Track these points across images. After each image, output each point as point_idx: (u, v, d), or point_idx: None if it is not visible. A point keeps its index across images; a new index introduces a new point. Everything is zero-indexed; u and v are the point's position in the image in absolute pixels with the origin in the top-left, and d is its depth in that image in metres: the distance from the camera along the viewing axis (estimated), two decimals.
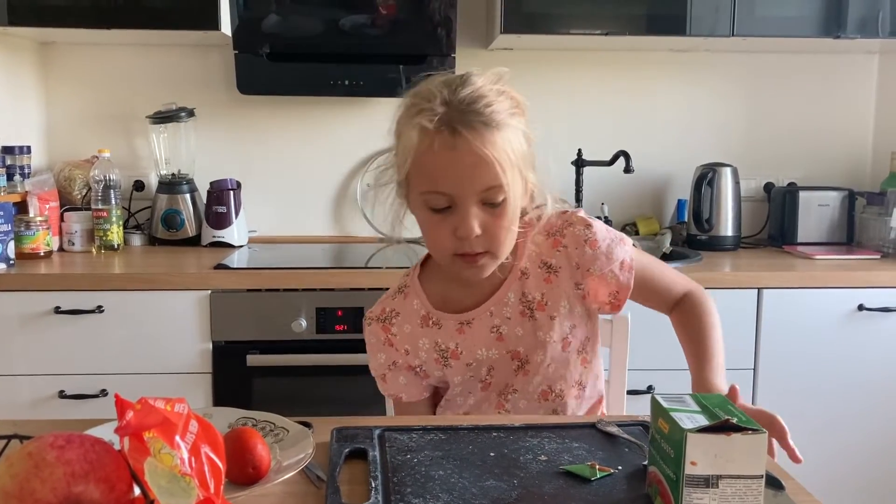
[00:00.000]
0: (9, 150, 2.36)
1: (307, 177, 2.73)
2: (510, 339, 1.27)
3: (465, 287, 1.27)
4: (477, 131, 1.10)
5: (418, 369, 1.30)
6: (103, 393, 2.11)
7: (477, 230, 1.13)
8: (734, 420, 0.83)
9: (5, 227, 2.16)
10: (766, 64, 2.77)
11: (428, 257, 1.33)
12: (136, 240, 2.58)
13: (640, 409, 1.32)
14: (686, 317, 1.30)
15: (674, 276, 1.35)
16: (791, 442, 1.01)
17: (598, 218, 1.38)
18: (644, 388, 2.17)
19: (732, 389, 1.07)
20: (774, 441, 1.03)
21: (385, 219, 1.26)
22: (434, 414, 1.35)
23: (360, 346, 2.12)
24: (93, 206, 2.42)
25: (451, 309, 1.28)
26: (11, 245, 2.18)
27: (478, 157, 1.10)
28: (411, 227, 1.26)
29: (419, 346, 1.28)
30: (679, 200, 2.75)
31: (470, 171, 1.11)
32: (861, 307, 2.22)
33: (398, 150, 1.18)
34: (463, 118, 1.10)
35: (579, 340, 1.30)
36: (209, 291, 2.12)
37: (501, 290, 1.26)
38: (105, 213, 2.41)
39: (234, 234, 2.55)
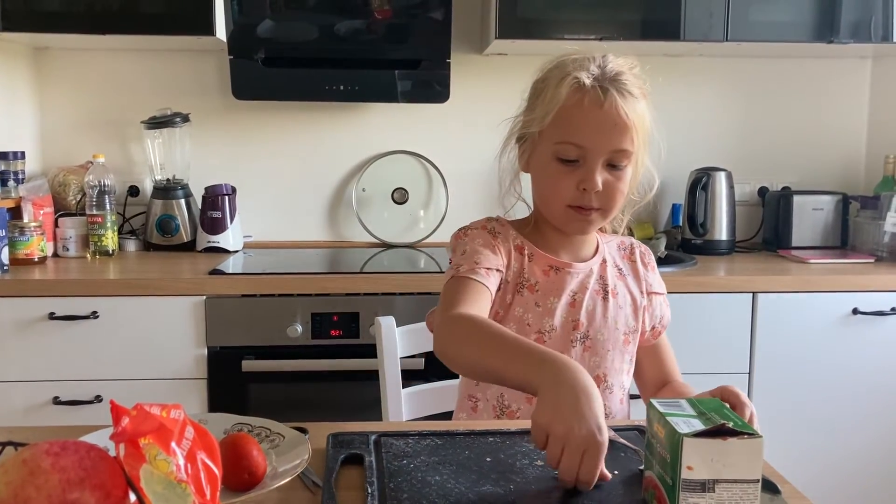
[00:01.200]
0: (3, 156, 2.36)
1: (302, 182, 2.73)
2: (581, 309, 1.30)
3: (557, 245, 1.32)
4: (624, 96, 1.21)
5: (504, 285, 1.29)
6: (98, 399, 2.10)
7: (600, 187, 1.22)
8: (730, 424, 0.83)
9: (0, 233, 2.15)
10: (760, 69, 2.78)
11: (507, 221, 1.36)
12: (131, 245, 2.58)
13: (637, 413, 1.32)
14: (682, 389, 1.33)
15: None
16: (743, 396, 1.07)
17: None
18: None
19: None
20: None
21: (501, 177, 1.35)
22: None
23: (355, 352, 2.15)
24: (87, 212, 2.42)
25: (544, 251, 1.33)
26: (6, 251, 2.17)
27: (620, 119, 1.21)
28: (407, 234, 1.27)
29: (510, 265, 1.30)
30: (674, 205, 2.75)
31: (609, 129, 1.21)
32: (855, 311, 2.22)
33: (538, 105, 1.26)
34: (613, 84, 1.22)
35: (631, 349, 1.35)
36: (204, 297, 2.11)
37: (588, 262, 1.34)
38: (100, 219, 2.41)
39: (230, 239, 2.55)
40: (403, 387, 1.59)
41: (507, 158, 1.34)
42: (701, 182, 2.57)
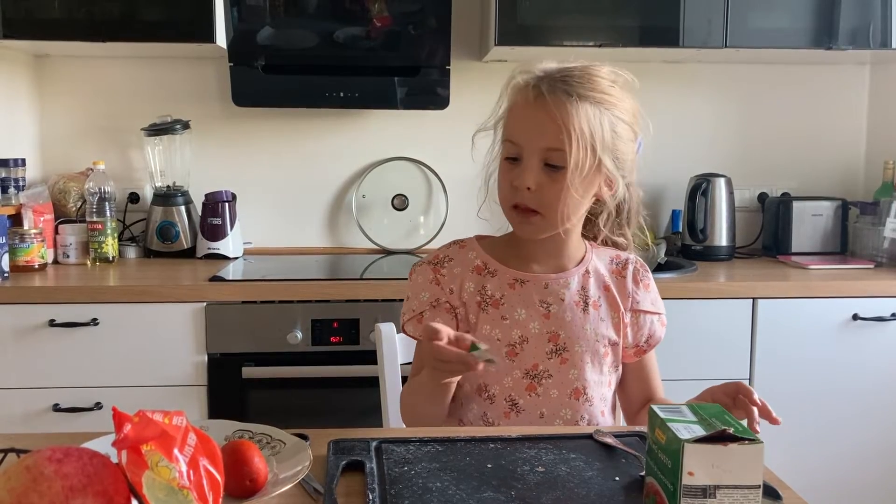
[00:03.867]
0: (3, 163, 2.36)
1: (302, 188, 2.73)
2: (556, 320, 1.30)
3: (528, 256, 1.33)
4: (557, 97, 1.21)
5: (458, 312, 1.32)
6: (98, 406, 2.10)
7: (530, 183, 1.23)
8: (731, 430, 0.83)
9: (0, 240, 2.15)
10: (759, 75, 2.79)
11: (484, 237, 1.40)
12: (131, 252, 2.58)
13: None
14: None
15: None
16: (757, 398, 1.11)
17: None
18: None
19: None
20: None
21: (483, 168, 1.37)
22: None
23: (355, 358, 2.15)
24: (87, 219, 2.42)
25: (511, 266, 1.33)
26: (6, 258, 2.17)
27: (547, 118, 1.21)
28: (407, 241, 1.28)
29: (464, 288, 1.32)
30: (673, 211, 2.76)
31: (538, 127, 1.22)
32: (855, 317, 2.23)
33: (501, 104, 1.32)
34: (550, 83, 1.23)
35: (612, 361, 1.34)
36: (204, 303, 2.11)
37: (566, 273, 1.33)
38: (100, 226, 2.41)
39: (230, 245, 2.55)
40: None
41: (486, 160, 1.36)
42: (700, 188, 2.58)
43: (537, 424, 1.28)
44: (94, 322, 2.09)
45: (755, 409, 1.11)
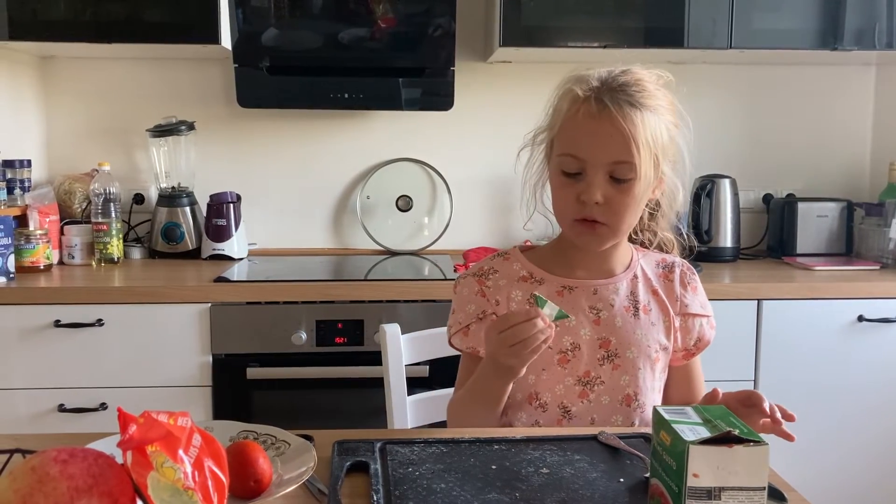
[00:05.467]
0: (9, 164, 2.37)
1: (307, 189, 2.74)
2: (607, 325, 1.29)
3: (575, 263, 1.32)
4: (621, 107, 1.19)
5: None
6: (103, 406, 2.11)
7: (599, 198, 1.21)
8: (736, 432, 0.83)
9: (5, 241, 2.16)
10: (764, 76, 2.79)
11: (526, 247, 1.40)
12: (136, 253, 2.58)
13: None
14: None
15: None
16: (767, 406, 1.13)
17: None
18: None
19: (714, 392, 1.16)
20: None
21: (527, 181, 1.34)
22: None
23: (360, 359, 2.15)
24: (93, 220, 2.42)
25: (557, 274, 1.32)
26: (11, 258, 2.18)
27: (615, 130, 1.18)
28: (411, 242, 1.28)
29: (511, 297, 1.31)
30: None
31: (605, 140, 1.19)
32: (861, 318, 2.22)
33: (552, 115, 1.29)
34: (612, 94, 1.20)
35: (663, 366, 1.33)
36: (209, 304, 2.12)
37: (614, 278, 1.32)
38: (105, 227, 2.41)
39: (234, 246, 2.55)
40: (408, 394, 1.58)
41: (529, 169, 1.33)
42: (705, 189, 2.58)
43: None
44: (100, 323, 2.09)
45: (774, 408, 1.12)
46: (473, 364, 1.30)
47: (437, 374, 2.00)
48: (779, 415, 1.12)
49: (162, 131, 2.56)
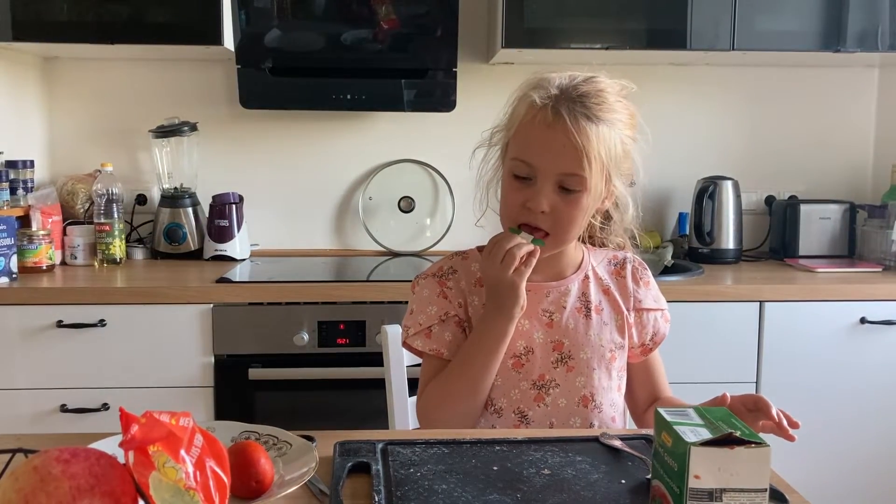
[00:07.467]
0: (12, 165, 2.37)
1: (309, 190, 2.74)
2: (559, 328, 1.29)
3: None
4: (577, 120, 1.18)
5: (466, 325, 1.31)
6: (105, 407, 2.11)
7: (545, 207, 1.21)
8: (738, 433, 0.83)
9: (8, 241, 2.16)
10: (767, 78, 2.79)
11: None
12: (139, 253, 2.59)
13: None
14: (675, 402, 1.34)
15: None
16: (775, 412, 1.12)
17: None
18: None
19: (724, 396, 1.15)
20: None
21: (481, 178, 1.34)
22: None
23: (361, 360, 2.15)
24: (95, 220, 2.43)
25: None
26: (14, 259, 2.18)
27: (568, 142, 1.18)
28: (413, 243, 1.28)
29: (469, 303, 1.31)
30: (680, 213, 2.75)
31: (558, 151, 1.19)
32: (863, 320, 2.22)
33: (509, 117, 1.28)
34: (569, 105, 1.19)
35: (619, 365, 1.33)
36: (211, 305, 2.12)
37: (565, 280, 1.32)
38: (107, 227, 2.42)
39: (237, 247, 2.55)
40: (410, 395, 1.58)
41: (484, 165, 1.33)
42: (708, 191, 2.57)
43: None
44: (102, 323, 2.09)
45: (780, 415, 1.12)
46: (437, 366, 1.30)
47: None
48: (785, 422, 1.12)
49: (165, 132, 2.56)
